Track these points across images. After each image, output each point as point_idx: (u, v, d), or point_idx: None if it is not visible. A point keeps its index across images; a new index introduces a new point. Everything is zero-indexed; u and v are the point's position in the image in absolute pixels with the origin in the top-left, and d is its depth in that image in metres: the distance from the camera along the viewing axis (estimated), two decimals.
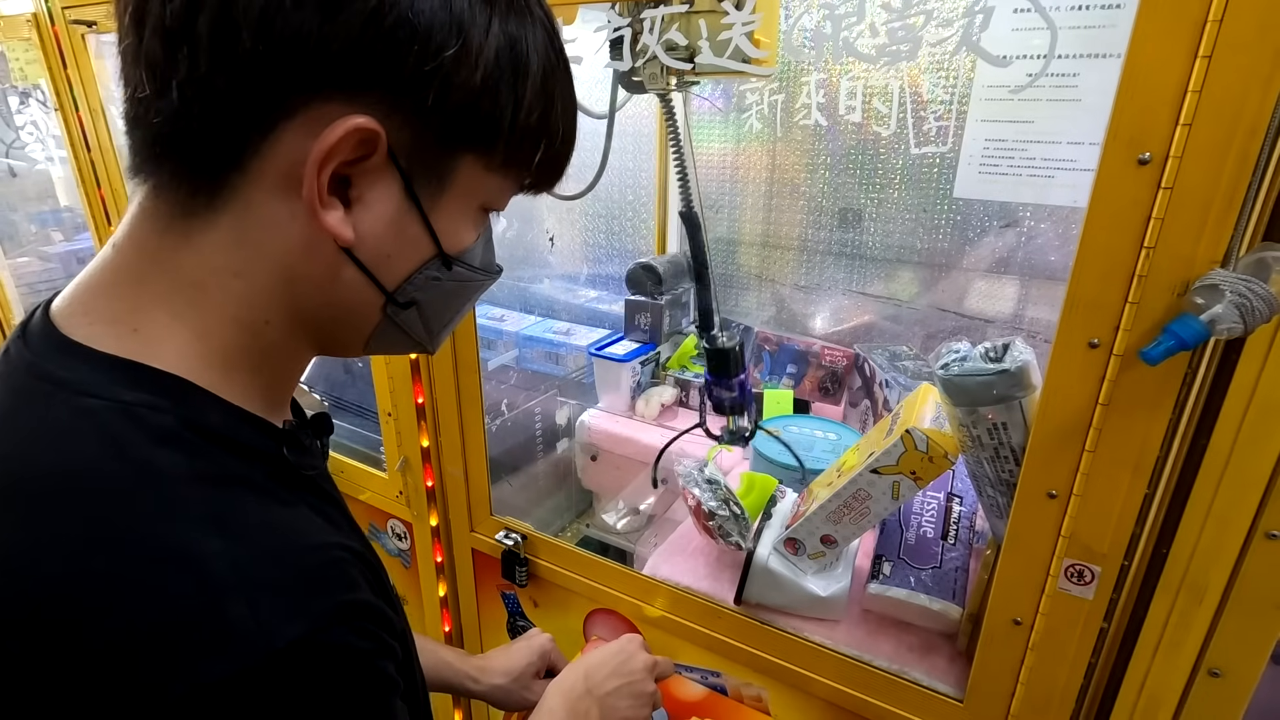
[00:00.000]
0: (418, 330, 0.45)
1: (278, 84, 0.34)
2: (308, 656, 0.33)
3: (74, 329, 0.37)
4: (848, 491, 0.79)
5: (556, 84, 0.41)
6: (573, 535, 1.47)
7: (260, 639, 0.31)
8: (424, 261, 0.42)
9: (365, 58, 0.34)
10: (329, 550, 0.37)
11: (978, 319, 1.26)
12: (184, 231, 0.37)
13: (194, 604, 0.31)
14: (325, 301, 0.41)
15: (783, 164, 1.38)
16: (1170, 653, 0.62)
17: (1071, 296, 0.57)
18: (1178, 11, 0.47)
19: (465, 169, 0.40)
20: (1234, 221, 0.49)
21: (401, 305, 0.42)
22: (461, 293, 0.47)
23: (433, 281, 0.43)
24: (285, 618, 0.32)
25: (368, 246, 0.39)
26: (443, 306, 0.46)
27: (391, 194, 0.38)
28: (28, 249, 2.26)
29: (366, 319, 0.43)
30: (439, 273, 0.43)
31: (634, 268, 1.47)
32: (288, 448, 0.41)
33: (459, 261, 0.43)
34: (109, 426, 0.34)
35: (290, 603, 0.33)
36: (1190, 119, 0.48)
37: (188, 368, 0.37)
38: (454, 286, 0.45)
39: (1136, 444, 0.57)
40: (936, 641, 0.84)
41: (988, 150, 1.12)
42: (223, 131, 0.35)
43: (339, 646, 0.34)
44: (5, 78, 1.84)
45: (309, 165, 0.35)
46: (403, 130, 0.37)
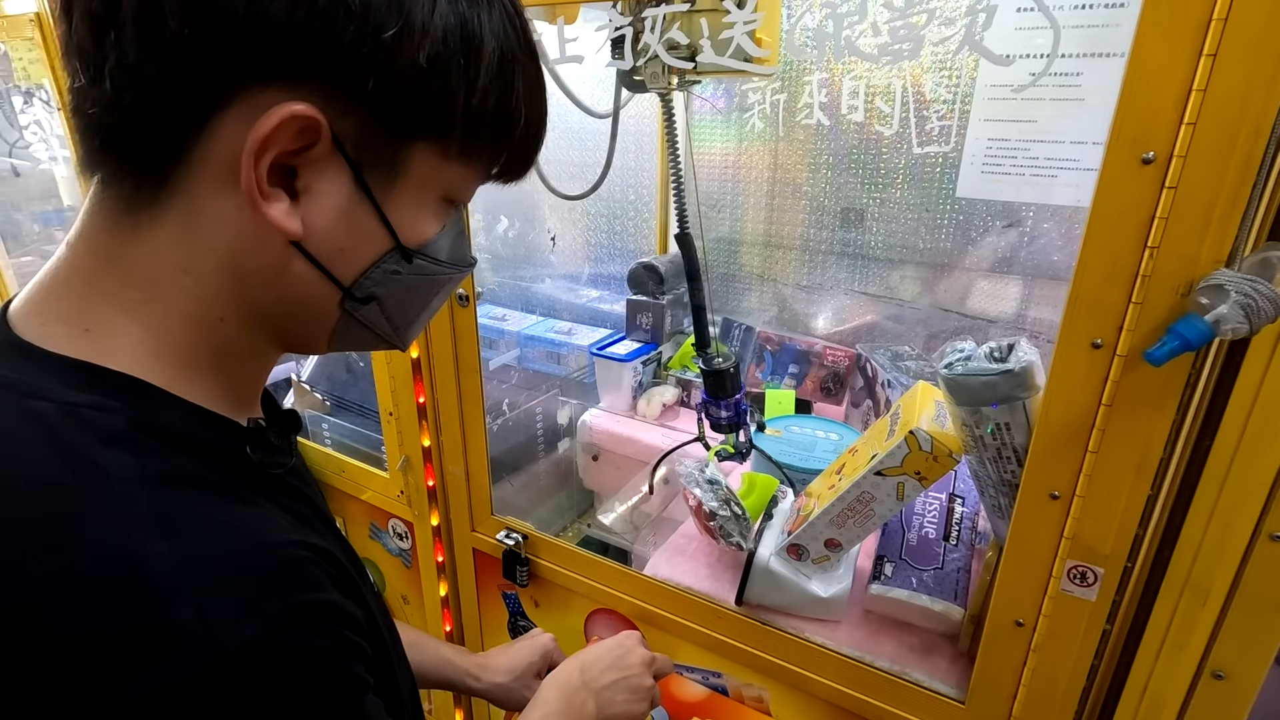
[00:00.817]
0: (382, 326, 0.43)
1: (209, 70, 0.33)
2: (262, 658, 0.32)
3: (28, 330, 0.36)
4: (851, 494, 0.79)
5: (516, 67, 0.39)
6: (574, 535, 1.46)
7: (210, 643, 0.30)
8: (381, 255, 0.40)
9: (298, 40, 0.33)
10: (286, 549, 0.36)
11: (980, 319, 1.26)
12: (132, 226, 0.36)
13: (140, 609, 0.30)
14: (279, 298, 0.39)
15: (785, 163, 1.38)
16: (1173, 655, 0.62)
17: (1075, 296, 0.57)
18: (1182, 10, 0.47)
19: (419, 157, 0.38)
20: (1239, 221, 0.49)
21: (360, 300, 0.41)
22: (427, 287, 0.45)
23: (392, 276, 0.41)
24: (236, 620, 0.31)
25: (318, 240, 0.38)
26: (406, 301, 0.44)
27: (340, 185, 0.37)
28: (31, 248, 2.26)
29: (325, 315, 0.41)
30: (398, 266, 0.41)
31: (636, 267, 1.47)
32: (251, 446, 0.40)
33: (420, 254, 0.42)
34: (55, 428, 0.33)
35: (241, 604, 0.32)
36: (1194, 118, 0.48)
37: (142, 367, 0.36)
38: (417, 280, 0.43)
39: (1140, 445, 0.57)
40: (938, 642, 0.84)
41: (990, 150, 1.12)
42: (159, 122, 0.34)
43: (295, 647, 0.33)
44: (9, 77, 1.84)
45: (244, 155, 0.34)
46: (346, 117, 0.35)
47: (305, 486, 0.47)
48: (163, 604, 0.30)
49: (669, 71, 0.90)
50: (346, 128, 0.35)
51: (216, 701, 0.30)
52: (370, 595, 0.47)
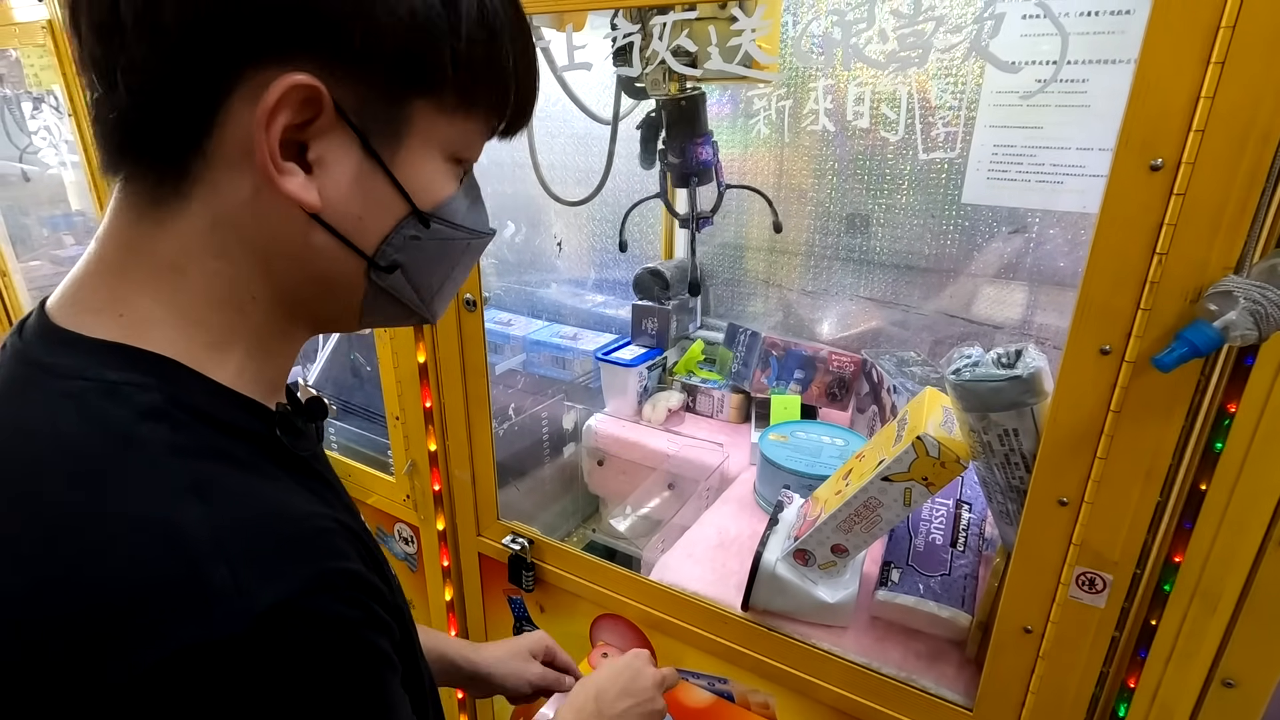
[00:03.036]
0: (409, 295, 0.44)
1: (210, 57, 0.34)
2: (291, 621, 0.32)
3: (64, 319, 0.38)
4: (858, 500, 0.79)
5: (498, 16, 0.40)
6: (579, 540, 1.46)
7: (241, 602, 0.31)
8: (399, 220, 0.41)
9: (285, 14, 0.34)
10: (314, 519, 0.37)
11: (986, 325, 1.26)
12: (157, 219, 0.38)
13: (175, 568, 0.31)
14: (307, 275, 0.40)
15: (790, 169, 1.38)
16: (1183, 663, 0.62)
17: (1083, 302, 0.57)
18: (1190, 18, 0.47)
19: (420, 116, 0.39)
20: (1247, 228, 0.49)
21: (385, 269, 0.42)
22: (448, 253, 0.45)
23: (413, 241, 0.42)
24: (266, 581, 0.32)
25: (336, 210, 0.39)
26: (430, 268, 0.45)
27: (350, 153, 0.38)
28: (39, 252, 2.28)
29: (352, 288, 0.42)
30: (417, 231, 0.42)
31: (641, 273, 1.48)
32: (280, 429, 0.41)
33: (437, 218, 0.42)
34: (93, 404, 0.34)
35: (272, 567, 0.33)
36: (1203, 125, 0.48)
37: (175, 350, 0.38)
38: (438, 246, 0.44)
39: (1149, 451, 0.57)
40: (945, 649, 0.84)
41: (996, 156, 1.12)
42: (173, 115, 0.35)
43: (324, 612, 0.34)
44: (20, 83, 1.86)
45: (255, 132, 0.35)
46: (344, 84, 0.36)
47: (328, 472, 0.48)
48: (196, 564, 0.31)
49: (670, 78, 0.91)
50: (345, 95, 0.36)
51: (245, 661, 0.31)
52: (393, 578, 0.47)
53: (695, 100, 1.00)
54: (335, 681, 0.34)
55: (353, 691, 0.35)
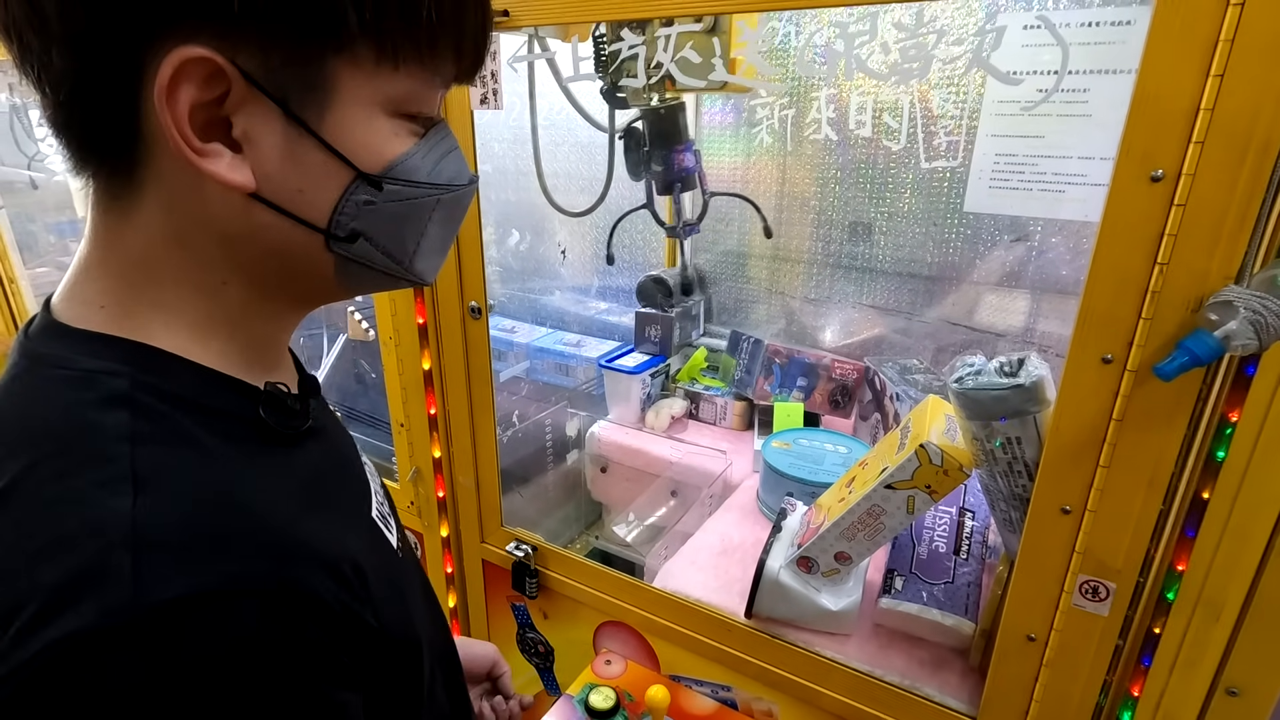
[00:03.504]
0: (381, 261, 0.42)
1: (109, 48, 0.34)
2: (186, 621, 0.30)
3: (61, 312, 0.39)
4: (861, 508, 0.79)
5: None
6: (582, 547, 1.47)
7: (136, 592, 0.30)
8: (345, 187, 0.39)
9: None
10: (265, 520, 0.35)
11: (988, 333, 1.26)
12: (120, 212, 0.38)
13: (84, 554, 0.31)
14: (265, 252, 0.39)
15: (793, 177, 1.39)
16: (1187, 671, 0.62)
17: (1084, 311, 0.57)
18: (1189, 31, 0.48)
19: (341, 74, 0.36)
20: (1247, 238, 0.49)
21: (345, 239, 0.40)
22: (415, 212, 0.42)
23: (367, 207, 0.40)
24: (172, 576, 0.31)
25: (274, 185, 0.37)
26: (397, 231, 0.42)
27: (273, 123, 0.36)
28: (46, 259, 2.29)
29: (316, 261, 0.40)
30: (370, 195, 0.39)
31: (644, 280, 1.48)
32: (264, 408, 0.40)
33: (391, 179, 0.40)
34: (65, 392, 0.36)
35: (183, 562, 0.31)
36: (1202, 137, 0.49)
37: (155, 336, 0.38)
38: (400, 207, 0.41)
39: (1151, 459, 0.57)
40: (949, 657, 0.84)
41: (998, 165, 1.13)
42: (101, 112, 0.35)
43: (225, 616, 0.31)
44: (29, 91, 1.87)
45: (160, 116, 0.34)
46: (248, 52, 0.34)
47: (329, 450, 0.47)
48: (105, 552, 0.31)
49: (648, 89, 0.93)
50: (253, 63, 0.34)
51: (133, 657, 0.29)
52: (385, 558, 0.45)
53: (674, 110, 1.02)
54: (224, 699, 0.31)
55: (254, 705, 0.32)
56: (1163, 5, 0.48)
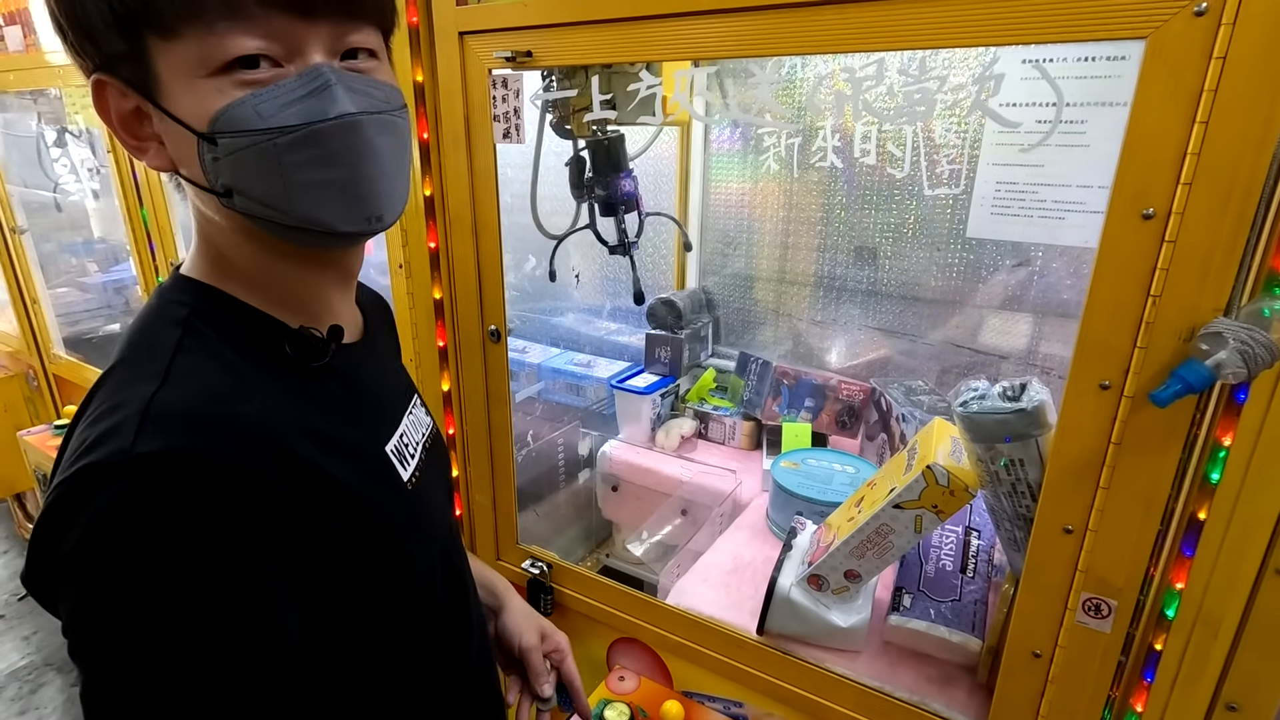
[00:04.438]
0: (261, 212, 0.46)
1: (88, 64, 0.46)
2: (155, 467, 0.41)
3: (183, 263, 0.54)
4: (870, 527, 0.82)
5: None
6: (593, 565, 1.49)
7: (131, 446, 0.41)
8: (197, 149, 0.46)
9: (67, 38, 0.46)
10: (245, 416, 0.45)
11: (992, 354, 1.29)
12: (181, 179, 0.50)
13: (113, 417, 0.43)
14: (210, 218, 0.50)
15: (799, 202, 1.42)
16: (1187, 687, 0.64)
17: (1082, 340, 0.60)
18: (1176, 82, 0.51)
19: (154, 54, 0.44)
20: (1234, 273, 0.52)
21: (225, 195, 0.47)
22: (265, 158, 0.44)
23: (216, 162, 0.45)
24: (154, 438, 0.41)
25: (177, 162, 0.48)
26: (257, 178, 0.45)
27: (149, 111, 0.46)
28: (65, 279, 2.34)
29: (235, 221, 0.49)
30: (213, 152, 0.45)
31: (654, 303, 1.52)
32: (289, 344, 0.51)
33: (219, 132, 0.44)
34: (153, 314, 0.50)
35: (166, 432, 0.42)
36: (1190, 179, 0.52)
37: (210, 277, 0.51)
38: (245, 155, 0.44)
39: (1148, 481, 0.60)
40: (956, 673, 0.86)
41: (999, 192, 1.16)
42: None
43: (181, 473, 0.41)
44: (58, 119, 1.93)
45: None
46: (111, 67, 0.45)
47: (351, 388, 0.56)
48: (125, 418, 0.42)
49: (591, 123, 1.02)
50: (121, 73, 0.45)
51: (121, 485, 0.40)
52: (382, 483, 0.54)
53: (615, 141, 1.11)
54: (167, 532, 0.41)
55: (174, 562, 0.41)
56: (1150, 57, 0.52)
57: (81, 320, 2.28)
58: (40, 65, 1.59)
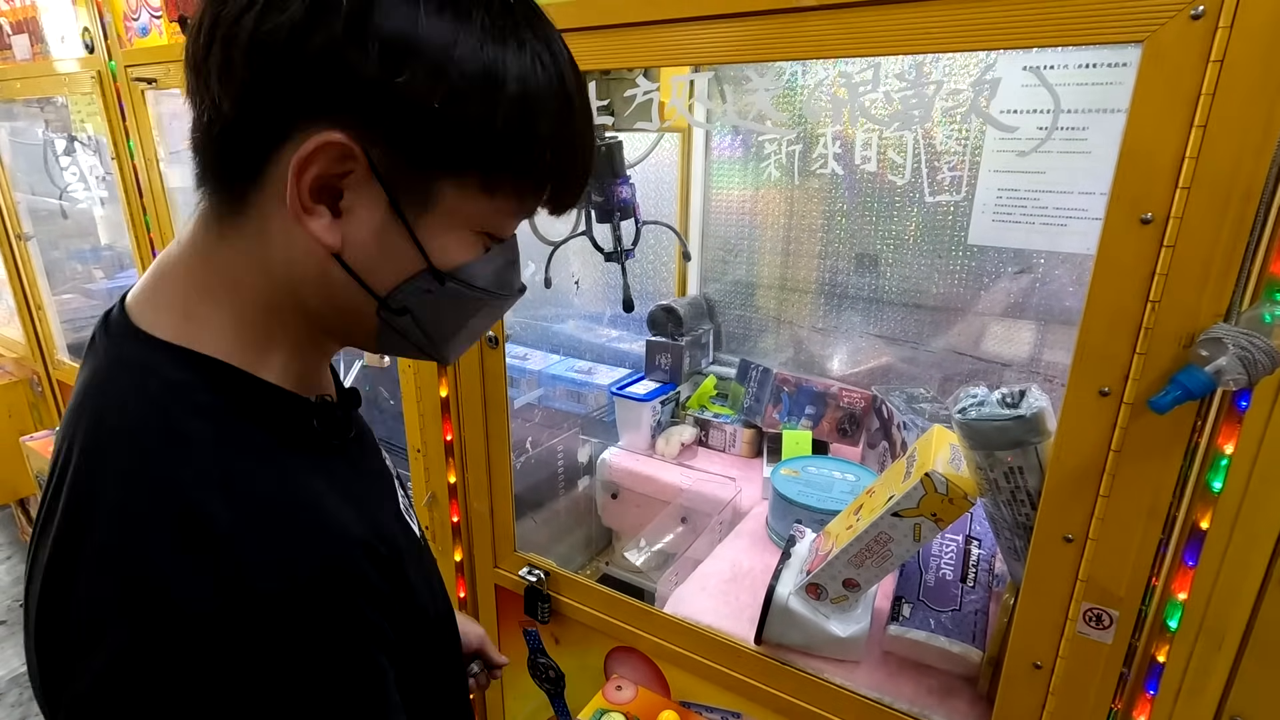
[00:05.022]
0: (416, 337, 0.48)
1: (273, 111, 0.40)
2: (281, 608, 0.38)
3: (143, 318, 0.44)
4: (869, 535, 0.81)
5: (540, 107, 0.42)
6: (593, 573, 1.48)
7: (244, 587, 0.37)
8: (413, 273, 0.44)
9: (332, 82, 0.39)
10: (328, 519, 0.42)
11: (994, 362, 1.28)
12: (221, 233, 0.44)
13: (196, 552, 0.37)
14: (326, 300, 0.45)
15: (800, 209, 1.42)
16: (1191, 699, 0.63)
17: (1082, 346, 0.59)
18: (1173, 86, 0.51)
19: (447, 190, 0.42)
20: (1234, 278, 0.52)
21: (394, 311, 0.46)
22: (461, 307, 0.48)
23: (425, 293, 0.46)
24: (268, 573, 0.38)
25: (355, 253, 0.43)
26: (441, 318, 0.48)
27: (377, 207, 0.42)
28: (70, 285, 2.35)
29: (365, 319, 0.46)
30: (430, 286, 0.45)
31: (655, 310, 1.52)
32: (317, 419, 0.47)
33: (454, 278, 0.46)
34: (160, 401, 0.42)
35: (277, 562, 0.38)
36: (1188, 183, 0.51)
37: (228, 350, 0.44)
38: (451, 301, 0.47)
39: (1149, 489, 0.59)
40: (957, 684, 0.85)
41: (1000, 199, 1.16)
42: (238, 151, 0.41)
43: (312, 606, 0.39)
44: (64, 127, 1.95)
45: (291, 174, 0.40)
46: (377, 148, 0.40)
47: (368, 458, 0.53)
48: (213, 550, 0.37)
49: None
50: (380, 157, 0.40)
51: (242, 638, 0.36)
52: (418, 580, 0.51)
53: (613, 147, 1.10)
54: (314, 674, 0.39)
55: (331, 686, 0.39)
56: (1147, 61, 0.51)
57: (86, 326, 2.29)
58: (47, 73, 1.60)
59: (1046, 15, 0.55)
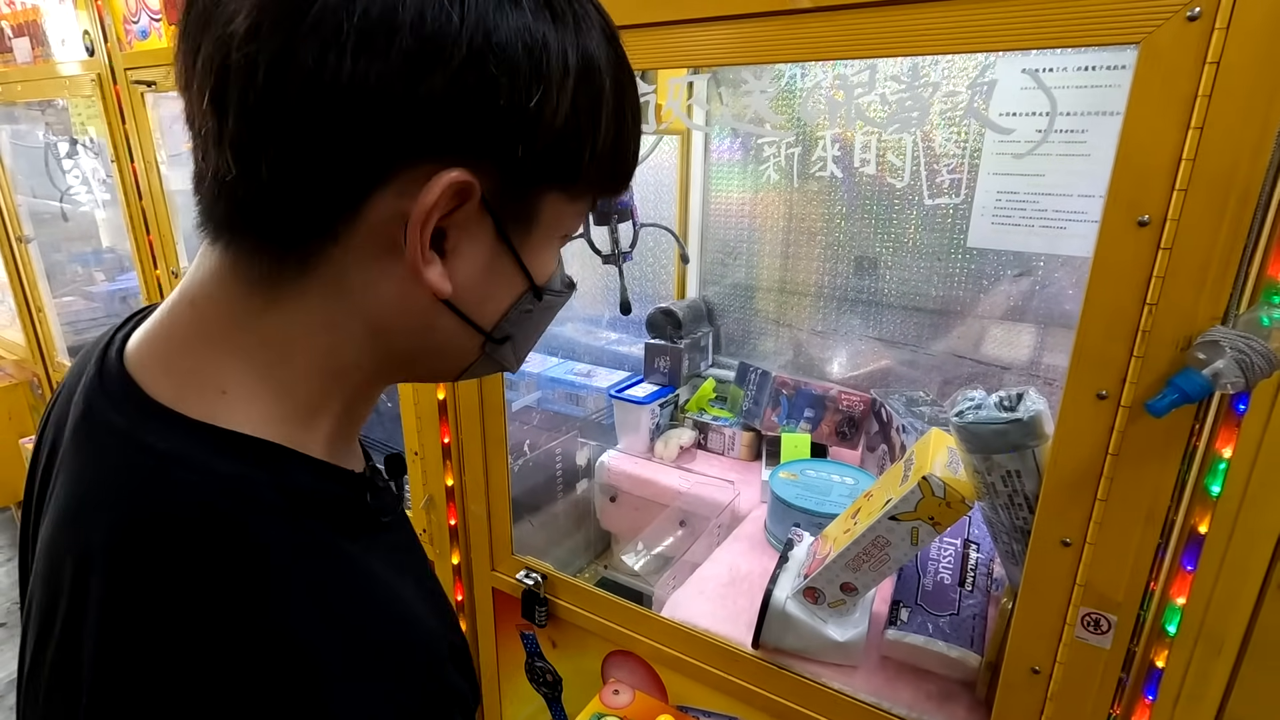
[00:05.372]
0: (508, 359, 0.46)
1: (368, 154, 0.34)
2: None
3: (160, 391, 0.37)
4: (867, 538, 0.80)
5: (626, 98, 0.40)
6: (591, 576, 1.47)
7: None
8: (518, 298, 0.42)
9: (454, 119, 0.34)
10: (417, 624, 0.40)
11: (994, 365, 1.28)
12: (271, 296, 0.37)
13: (295, 689, 0.33)
14: (421, 347, 0.42)
15: (799, 212, 1.42)
16: (1190, 705, 0.62)
17: (1079, 349, 0.59)
18: (1170, 87, 0.51)
19: (549, 205, 0.40)
20: (1231, 281, 0.52)
21: (498, 341, 0.43)
22: (547, 316, 0.47)
23: (525, 314, 0.44)
24: (379, 703, 0.34)
25: (464, 293, 0.39)
26: (532, 333, 0.47)
27: (485, 240, 0.38)
28: (72, 288, 2.36)
29: (464, 358, 0.44)
30: (531, 305, 0.43)
31: (654, 312, 1.51)
32: (370, 494, 0.42)
33: (548, 290, 0.44)
34: (211, 502, 0.35)
35: (384, 688, 0.35)
36: (1185, 185, 0.51)
37: (274, 429, 0.38)
38: (541, 314, 0.46)
39: (1147, 493, 0.59)
40: (956, 690, 0.84)
41: (1000, 202, 1.15)
42: (316, 205, 0.35)
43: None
44: (67, 129, 1.96)
45: (411, 226, 0.35)
46: (491, 176, 0.36)
47: (408, 533, 0.49)
48: (317, 685, 0.33)
49: None
50: (490, 186, 0.36)
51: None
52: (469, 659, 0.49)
53: None
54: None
55: None
56: (1144, 62, 0.51)
57: (86, 329, 2.29)
58: (48, 76, 1.61)
59: (1042, 17, 0.54)
